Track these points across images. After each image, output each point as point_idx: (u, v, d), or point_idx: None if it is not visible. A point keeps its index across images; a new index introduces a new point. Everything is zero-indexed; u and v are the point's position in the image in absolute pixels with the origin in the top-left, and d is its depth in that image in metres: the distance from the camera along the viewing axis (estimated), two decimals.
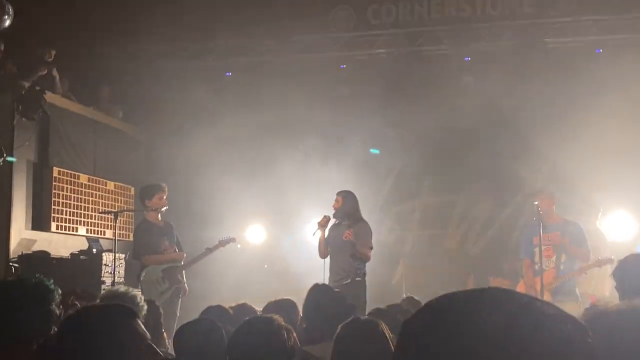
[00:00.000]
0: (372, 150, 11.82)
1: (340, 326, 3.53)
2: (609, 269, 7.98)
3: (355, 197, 8.83)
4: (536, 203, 8.35)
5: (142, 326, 2.51)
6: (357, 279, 8.50)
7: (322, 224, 8.79)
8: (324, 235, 8.79)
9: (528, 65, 10.96)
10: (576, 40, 10.99)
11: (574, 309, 8.24)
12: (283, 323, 3.34)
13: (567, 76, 10.91)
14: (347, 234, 8.50)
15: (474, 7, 11.23)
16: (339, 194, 8.85)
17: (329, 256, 8.75)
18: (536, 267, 8.73)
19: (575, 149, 10.46)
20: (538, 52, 10.96)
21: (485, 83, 11.08)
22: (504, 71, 10.90)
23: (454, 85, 11.44)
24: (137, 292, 4.69)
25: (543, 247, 8.60)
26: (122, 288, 4.74)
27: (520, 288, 8.90)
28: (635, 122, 10.18)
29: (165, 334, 5.53)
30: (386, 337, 3.47)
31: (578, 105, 10.70)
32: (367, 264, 8.64)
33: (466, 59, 11.48)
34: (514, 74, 10.97)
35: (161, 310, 5.42)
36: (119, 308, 2.60)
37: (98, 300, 4.59)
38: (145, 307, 4.57)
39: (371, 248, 8.65)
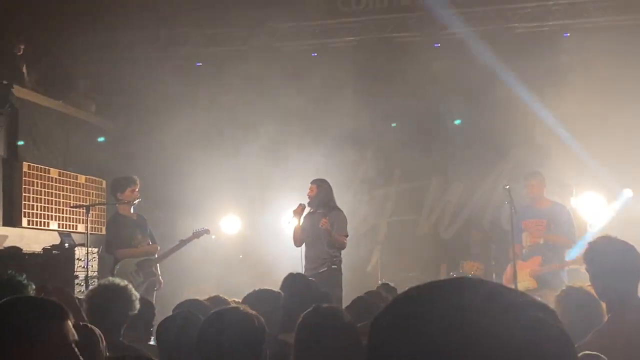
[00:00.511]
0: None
1: (302, 315, 3.53)
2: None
3: (329, 185, 8.87)
4: (507, 187, 8.30)
5: (70, 329, 2.40)
6: (333, 266, 8.54)
7: (298, 212, 8.81)
8: (299, 224, 8.81)
9: (496, 50, 11.02)
10: (543, 25, 11.07)
11: (553, 294, 8.28)
12: (250, 311, 3.35)
13: (535, 60, 10.98)
14: (324, 222, 8.51)
15: None
16: (313, 182, 8.87)
17: (304, 244, 8.77)
18: (524, 251, 8.65)
19: (544, 131, 10.58)
20: (506, 37, 11.03)
21: (456, 68, 11.16)
22: (472, 56, 10.97)
23: (425, 71, 11.48)
24: (134, 291, 4.65)
25: (528, 232, 8.63)
26: (121, 282, 4.69)
27: (508, 273, 8.83)
28: (600, 103, 10.29)
29: None
30: (349, 325, 3.47)
31: (546, 88, 10.79)
32: (343, 252, 8.69)
33: (436, 45, 11.52)
34: (482, 59, 11.04)
35: (155, 310, 5.39)
36: (45, 304, 2.49)
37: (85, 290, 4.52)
38: (138, 304, 4.54)
39: (347, 236, 8.72)
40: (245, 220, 11.88)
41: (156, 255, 9.00)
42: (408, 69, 11.51)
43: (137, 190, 8.90)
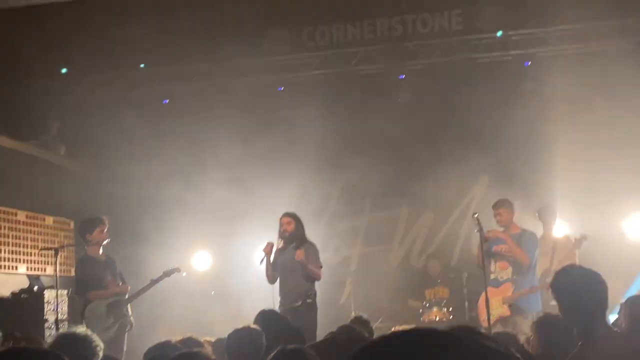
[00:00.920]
0: None
1: (268, 358, 3.55)
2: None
3: (300, 218, 8.90)
4: (476, 215, 8.39)
5: None
6: (308, 300, 8.55)
7: (268, 251, 8.82)
8: (270, 261, 8.81)
9: (460, 80, 11.20)
10: (505, 55, 11.26)
11: (526, 322, 8.36)
12: (210, 357, 3.35)
13: (497, 89, 11.16)
14: (299, 254, 8.50)
15: (406, 26, 11.47)
16: (288, 215, 8.86)
17: (278, 280, 8.76)
18: (492, 276, 8.75)
19: (510, 159, 10.73)
20: (468, 68, 11.20)
21: (421, 99, 11.31)
22: (438, 87, 11.14)
23: (391, 102, 11.61)
24: (96, 338, 4.57)
25: (499, 259, 8.71)
26: (82, 331, 4.60)
27: (481, 301, 8.94)
28: (564, 128, 10.45)
29: None
30: None
31: (510, 117, 10.95)
32: (316, 284, 8.70)
33: (401, 77, 11.66)
34: (447, 89, 11.22)
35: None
36: (47, 356, 2.47)
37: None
38: (101, 353, 4.47)
39: (321, 267, 8.75)
40: (216, 256, 11.83)
41: (127, 296, 8.91)
42: (374, 100, 11.64)
43: (105, 230, 8.83)
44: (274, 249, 8.87)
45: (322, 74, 11.77)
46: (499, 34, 11.05)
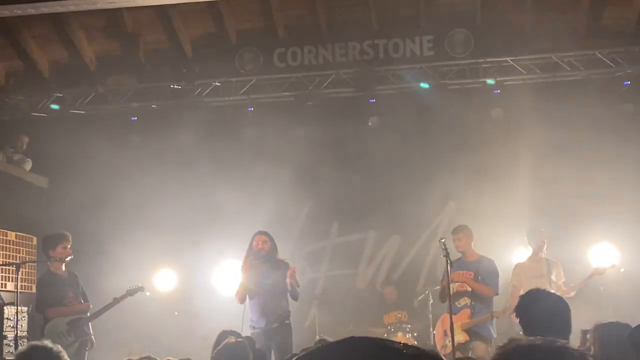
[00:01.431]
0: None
1: None
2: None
3: (273, 237, 8.74)
4: (442, 240, 8.44)
5: None
6: (287, 321, 8.38)
7: (245, 269, 8.52)
8: (246, 280, 8.51)
9: (429, 105, 11.28)
10: (474, 82, 11.38)
11: (484, 348, 8.45)
12: None
13: (467, 115, 11.27)
14: (292, 273, 8.26)
15: (377, 51, 11.56)
16: (263, 233, 8.63)
17: (250, 299, 8.46)
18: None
19: (481, 186, 10.80)
20: (439, 93, 11.30)
21: (391, 123, 11.37)
22: (408, 112, 11.20)
23: (361, 126, 11.67)
24: (64, 354, 4.50)
25: (457, 284, 8.75)
26: (49, 344, 4.53)
27: (439, 327, 9.05)
28: (530, 157, 10.57)
29: None
30: None
31: (482, 144, 11.06)
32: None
33: (371, 100, 11.73)
34: (417, 115, 11.29)
35: None
36: None
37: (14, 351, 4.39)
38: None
39: (298, 286, 8.58)
40: (180, 276, 11.69)
41: (88, 314, 8.76)
42: (344, 124, 11.68)
43: (68, 247, 8.70)
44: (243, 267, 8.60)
45: (293, 96, 11.77)
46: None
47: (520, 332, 4.32)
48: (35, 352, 4.41)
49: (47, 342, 4.58)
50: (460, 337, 8.48)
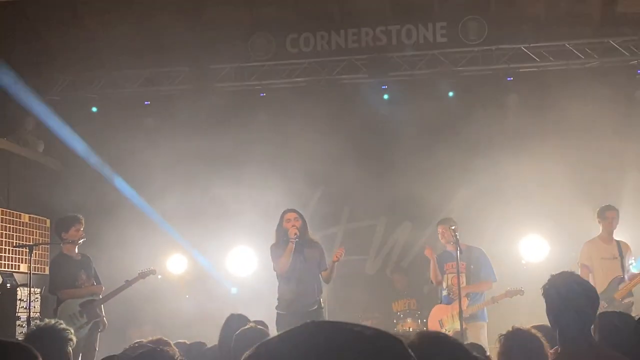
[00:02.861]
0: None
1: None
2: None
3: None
4: (453, 227, 8.50)
5: None
6: (322, 306, 8.13)
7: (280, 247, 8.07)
8: (291, 252, 7.97)
9: (441, 92, 11.26)
10: (487, 69, 11.35)
11: (479, 328, 8.66)
12: (175, 356, 3.37)
13: (479, 103, 11.25)
14: (339, 254, 7.90)
15: (390, 37, 11.53)
16: (293, 211, 8.25)
17: (287, 279, 8.01)
18: (444, 292, 9.03)
19: (490, 172, 10.80)
20: (449, 80, 11.28)
21: (402, 110, 11.36)
22: (420, 99, 11.19)
23: (372, 112, 11.66)
24: (71, 331, 4.60)
25: (451, 275, 8.83)
26: (57, 324, 4.63)
27: (435, 311, 9.13)
28: (546, 149, 10.56)
29: None
30: None
31: (494, 131, 11.05)
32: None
33: (383, 87, 11.72)
34: (429, 101, 11.27)
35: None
36: (18, 349, 2.50)
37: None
38: (75, 340, 4.51)
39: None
40: (192, 259, 11.77)
41: (101, 296, 8.86)
42: (357, 110, 11.68)
43: (81, 229, 8.78)
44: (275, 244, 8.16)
45: (305, 82, 11.78)
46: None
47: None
48: (43, 331, 4.49)
49: (56, 322, 4.66)
50: (457, 325, 8.55)
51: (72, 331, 4.57)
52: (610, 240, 9.11)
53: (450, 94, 11.46)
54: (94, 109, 11.98)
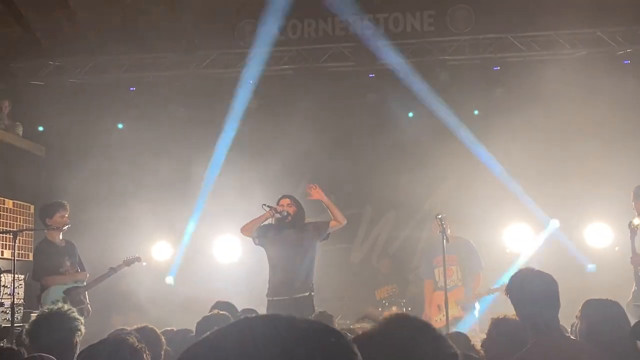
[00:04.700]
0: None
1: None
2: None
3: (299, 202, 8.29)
4: (440, 216, 8.47)
5: None
6: (313, 292, 7.95)
7: (270, 216, 7.92)
8: (264, 220, 7.92)
9: (430, 82, 11.24)
10: (474, 58, 11.35)
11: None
12: (136, 344, 3.36)
13: (465, 93, 11.26)
14: (316, 193, 7.77)
15: (377, 25, 11.49)
16: (288, 197, 8.13)
17: (273, 267, 7.92)
18: (439, 285, 9.09)
19: (476, 162, 10.82)
20: (438, 69, 11.26)
21: (388, 100, 11.34)
22: (406, 88, 11.16)
23: (360, 101, 11.64)
24: (79, 317, 4.58)
25: (440, 268, 8.95)
26: (65, 308, 4.60)
27: (435, 296, 9.20)
28: (534, 139, 10.58)
29: None
30: None
31: (481, 120, 11.07)
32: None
33: (370, 75, 11.69)
34: (416, 91, 11.25)
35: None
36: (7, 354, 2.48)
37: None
38: (83, 331, 4.49)
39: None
40: (177, 247, 11.72)
41: (85, 283, 8.80)
42: (343, 98, 11.65)
43: (66, 216, 8.70)
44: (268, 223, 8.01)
45: (292, 69, 11.73)
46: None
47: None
48: (52, 316, 4.46)
49: (68, 310, 4.61)
50: (455, 312, 8.62)
51: (82, 321, 4.54)
52: None
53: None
54: (80, 95, 11.87)
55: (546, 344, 3.75)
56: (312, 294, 7.94)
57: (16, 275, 8.52)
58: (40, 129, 11.66)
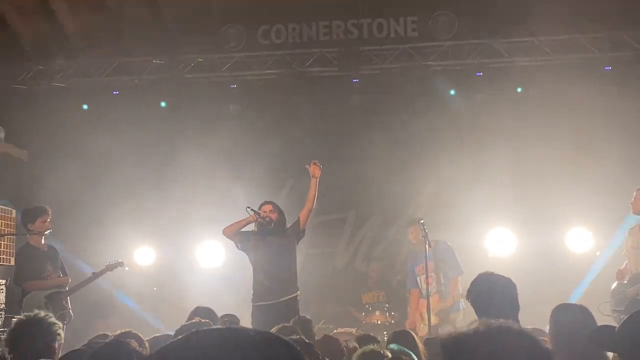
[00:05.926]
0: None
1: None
2: None
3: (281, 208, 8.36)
4: (422, 221, 8.51)
5: None
6: (298, 297, 7.94)
7: (254, 220, 7.99)
8: (247, 223, 7.97)
9: (413, 87, 11.29)
10: (457, 64, 11.40)
11: (455, 317, 8.87)
12: (138, 348, 3.37)
13: (450, 97, 11.32)
14: (314, 170, 7.96)
15: (361, 30, 11.53)
16: (269, 203, 8.19)
17: (257, 272, 7.92)
18: (423, 292, 9.06)
19: (457, 166, 10.87)
20: (422, 74, 11.32)
21: (373, 104, 11.38)
22: (390, 92, 11.21)
23: (343, 105, 11.67)
24: (57, 322, 4.56)
25: (422, 276, 9.03)
26: (42, 314, 4.58)
27: (420, 303, 9.22)
28: (516, 148, 10.66)
29: None
30: None
31: (460, 127, 11.12)
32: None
33: (354, 80, 11.72)
34: (399, 95, 11.31)
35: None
36: None
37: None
38: (62, 336, 4.47)
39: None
40: (160, 251, 11.70)
41: (67, 288, 8.75)
42: (327, 102, 11.67)
43: (48, 220, 8.65)
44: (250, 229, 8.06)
45: (276, 74, 11.74)
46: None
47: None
48: (30, 324, 4.44)
49: (45, 315, 4.59)
50: (433, 320, 8.63)
51: (61, 326, 4.52)
52: None
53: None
54: (63, 99, 11.81)
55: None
56: (298, 298, 7.94)
57: None
58: None
